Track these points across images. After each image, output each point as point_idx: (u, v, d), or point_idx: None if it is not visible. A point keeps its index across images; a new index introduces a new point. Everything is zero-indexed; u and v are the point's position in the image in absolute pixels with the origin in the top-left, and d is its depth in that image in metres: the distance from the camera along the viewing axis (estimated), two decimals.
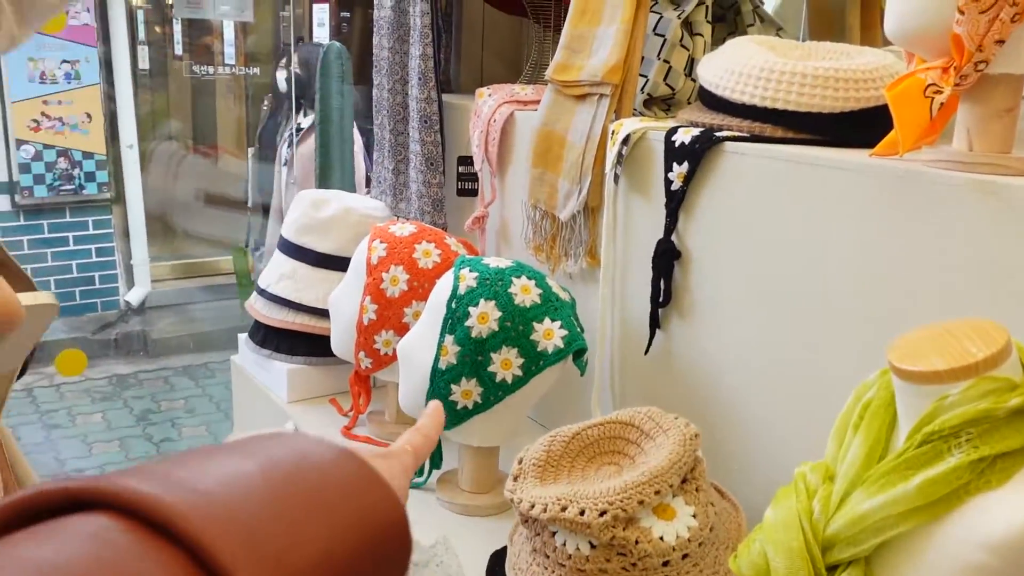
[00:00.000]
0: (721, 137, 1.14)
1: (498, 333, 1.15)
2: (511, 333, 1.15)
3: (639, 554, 0.91)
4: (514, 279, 1.18)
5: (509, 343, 1.15)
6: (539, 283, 1.19)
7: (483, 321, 1.15)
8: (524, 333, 1.15)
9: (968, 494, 0.66)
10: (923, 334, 0.74)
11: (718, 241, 1.17)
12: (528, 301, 1.17)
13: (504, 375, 1.15)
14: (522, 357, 1.15)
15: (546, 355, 1.15)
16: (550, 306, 1.17)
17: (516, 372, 1.15)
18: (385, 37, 1.75)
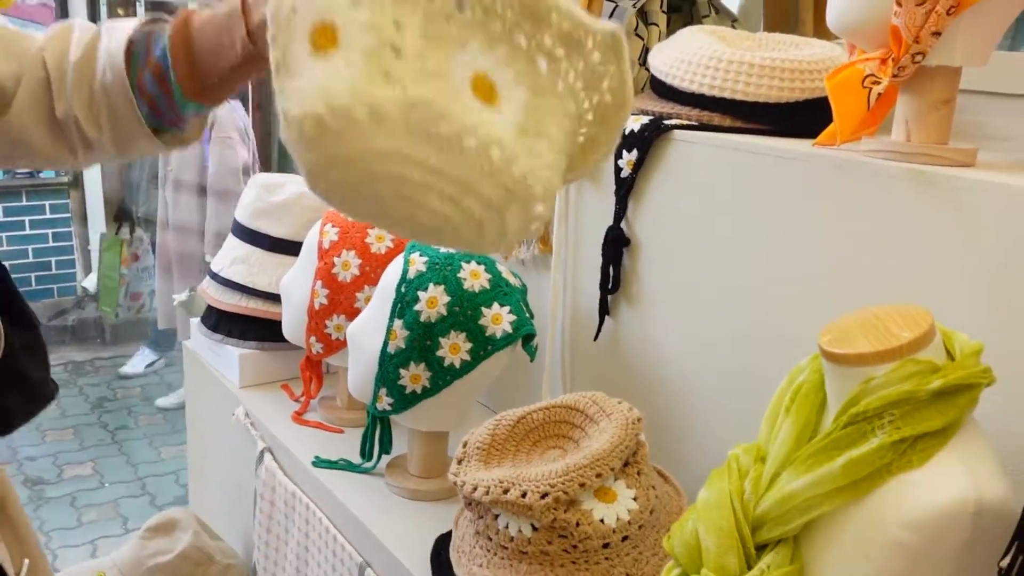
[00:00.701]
0: (670, 125, 1.15)
1: (447, 318, 1.15)
2: (459, 318, 1.15)
3: (580, 536, 0.92)
4: (463, 264, 1.18)
5: (457, 328, 1.15)
6: (488, 268, 1.20)
7: (432, 306, 1.15)
8: (473, 318, 1.16)
9: (890, 474, 0.67)
10: (853, 319, 0.75)
11: (667, 228, 1.18)
12: (477, 286, 1.17)
13: (452, 359, 1.15)
14: (470, 342, 1.15)
15: (495, 340, 1.16)
16: (499, 291, 1.18)
17: (464, 357, 1.16)
18: None
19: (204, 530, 1.56)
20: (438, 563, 1.08)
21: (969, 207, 0.85)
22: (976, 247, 0.85)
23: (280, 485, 1.38)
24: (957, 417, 0.68)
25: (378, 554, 1.15)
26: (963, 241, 0.86)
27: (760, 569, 0.72)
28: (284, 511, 1.37)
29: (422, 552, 1.11)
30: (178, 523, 1.53)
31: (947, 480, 0.66)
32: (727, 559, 0.73)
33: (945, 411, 0.68)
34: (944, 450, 0.67)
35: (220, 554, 1.53)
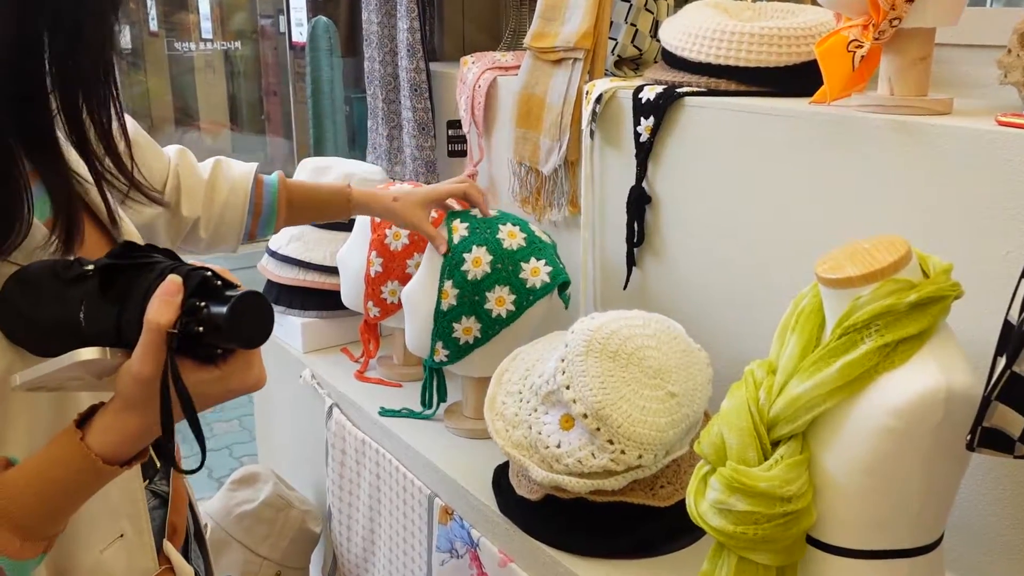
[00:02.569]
0: (681, 93, 1.29)
1: (491, 275, 1.31)
2: (502, 273, 1.31)
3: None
4: (500, 226, 1.33)
5: (501, 282, 1.31)
6: (523, 228, 1.35)
7: (477, 265, 1.31)
8: (514, 272, 1.31)
9: (877, 373, 0.82)
10: (843, 250, 0.90)
11: (683, 185, 1.32)
12: (515, 244, 1.32)
13: (499, 311, 1.31)
14: (514, 294, 1.31)
15: (535, 290, 1.31)
16: (535, 247, 1.33)
17: (509, 307, 1.31)
18: (373, 12, 1.88)
19: (281, 482, 1.74)
20: (499, 488, 1.24)
21: (943, 150, 0.99)
22: (950, 184, 0.99)
23: (350, 435, 1.55)
24: (931, 324, 0.83)
25: (444, 485, 1.32)
26: (939, 179, 1.00)
27: (775, 459, 0.87)
28: (355, 457, 1.54)
29: (484, 480, 1.27)
30: (259, 476, 1.71)
31: (923, 374, 0.80)
32: (747, 453, 0.88)
33: (921, 319, 0.82)
34: (921, 351, 0.82)
35: (298, 501, 1.70)
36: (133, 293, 0.69)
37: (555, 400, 1.10)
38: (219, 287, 0.69)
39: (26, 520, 0.71)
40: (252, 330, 0.68)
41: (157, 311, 0.66)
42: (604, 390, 1.04)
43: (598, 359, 1.06)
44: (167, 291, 0.67)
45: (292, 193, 1.28)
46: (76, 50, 0.73)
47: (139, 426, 0.70)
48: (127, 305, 0.68)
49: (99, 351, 0.68)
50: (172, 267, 0.69)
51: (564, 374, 1.08)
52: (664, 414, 1.06)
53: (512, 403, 1.17)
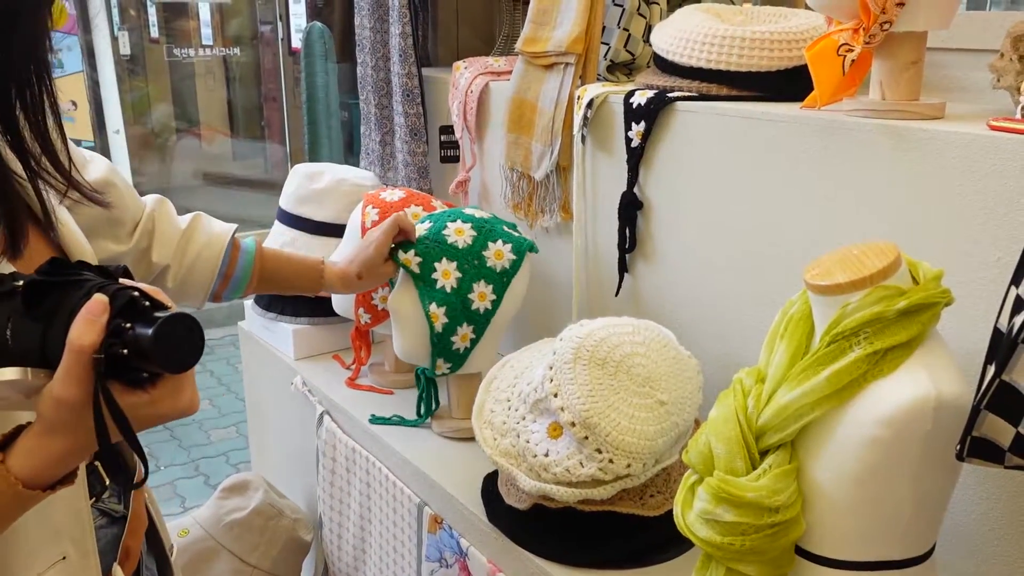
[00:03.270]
0: (673, 97, 1.28)
1: (464, 277, 1.32)
2: (472, 271, 1.33)
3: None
4: (445, 232, 1.34)
5: (476, 279, 1.32)
6: (463, 219, 1.36)
7: (447, 276, 1.31)
8: (481, 264, 1.33)
9: (866, 381, 0.81)
10: (833, 256, 0.88)
11: (675, 190, 1.31)
12: (468, 239, 1.34)
13: (485, 304, 1.33)
14: (490, 283, 1.34)
15: (507, 271, 1.34)
16: (485, 232, 1.35)
17: (492, 297, 1.34)
18: (366, 17, 1.87)
19: (272, 490, 1.72)
20: (488, 497, 1.23)
21: (935, 155, 0.97)
22: (941, 189, 0.97)
23: (340, 443, 1.53)
24: (921, 331, 0.81)
25: (434, 494, 1.31)
26: (930, 184, 0.98)
27: (763, 469, 0.86)
28: (346, 465, 1.53)
29: (473, 489, 1.26)
30: (249, 483, 1.70)
31: (912, 383, 0.79)
32: (735, 463, 0.87)
33: (910, 327, 0.81)
34: (910, 359, 0.81)
35: (288, 509, 1.69)
36: (59, 312, 0.66)
37: (543, 408, 1.09)
38: (147, 308, 0.66)
39: None
40: (180, 354, 0.65)
41: (80, 332, 0.63)
42: (592, 398, 1.03)
43: (586, 367, 1.05)
44: (91, 311, 0.64)
45: (266, 262, 1.25)
46: (8, 49, 0.71)
47: (63, 449, 0.67)
48: (53, 323, 0.65)
49: (20, 371, 0.65)
50: (99, 285, 0.66)
51: (552, 382, 1.06)
52: (653, 422, 1.04)
53: (500, 411, 1.15)
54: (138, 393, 0.65)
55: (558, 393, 1.05)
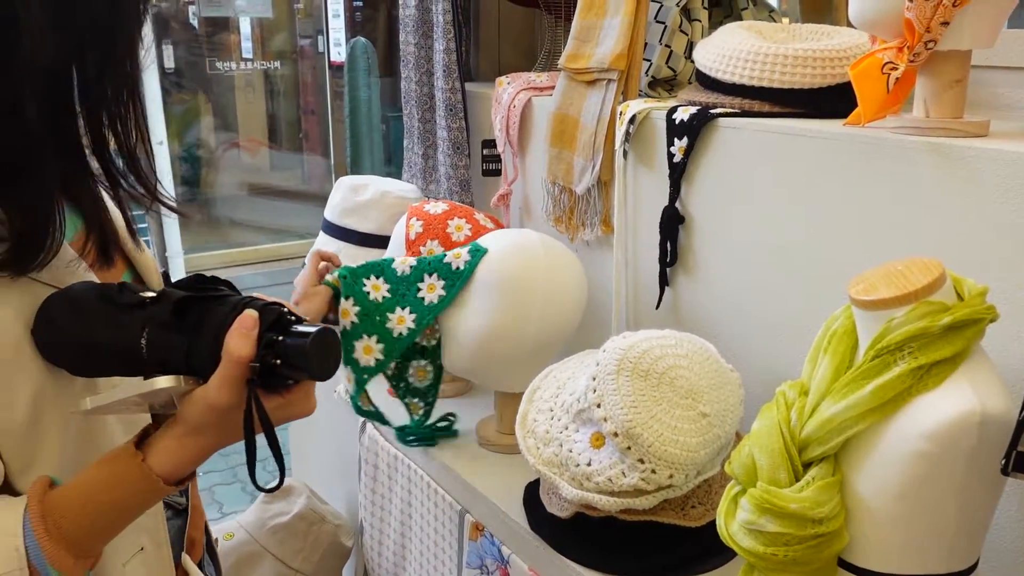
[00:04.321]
0: (715, 114, 1.30)
1: (359, 325, 1.35)
2: (372, 323, 1.35)
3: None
4: (366, 281, 1.36)
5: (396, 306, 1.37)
6: (380, 275, 1.38)
7: (345, 317, 1.36)
8: (382, 323, 1.35)
9: (911, 395, 0.82)
10: (877, 271, 0.90)
11: (716, 205, 1.33)
12: (381, 297, 1.37)
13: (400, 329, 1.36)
14: (414, 312, 1.36)
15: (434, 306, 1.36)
16: (398, 296, 1.37)
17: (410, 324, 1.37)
18: (411, 34, 1.91)
19: (314, 496, 1.76)
20: (530, 505, 1.25)
21: (979, 172, 0.98)
22: (985, 206, 0.98)
23: (382, 450, 1.56)
24: (965, 346, 0.82)
25: (475, 501, 1.33)
26: (974, 201, 0.99)
27: (806, 481, 0.87)
28: (387, 472, 1.56)
29: (515, 497, 1.28)
30: (293, 489, 1.73)
31: (957, 397, 0.80)
32: (778, 474, 0.88)
33: (955, 342, 0.82)
34: (955, 374, 0.82)
35: (330, 515, 1.72)
36: (207, 325, 0.72)
37: (586, 418, 1.10)
38: (292, 322, 0.73)
39: (81, 538, 0.73)
40: (328, 363, 0.72)
41: (238, 345, 0.70)
42: (635, 409, 1.05)
43: (629, 378, 1.07)
44: (245, 325, 0.70)
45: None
46: (104, 73, 0.76)
47: (202, 449, 0.75)
48: (201, 336, 0.72)
49: (175, 379, 0.72)
50: (245, 301, 0.73)
51: (595, 392, 1.08)
52: (695, 434, 1.06)
53: (543, 420, 1.17)
54: (275, 398, 0.72)
55: (601, 404, 1.07)
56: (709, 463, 1.09)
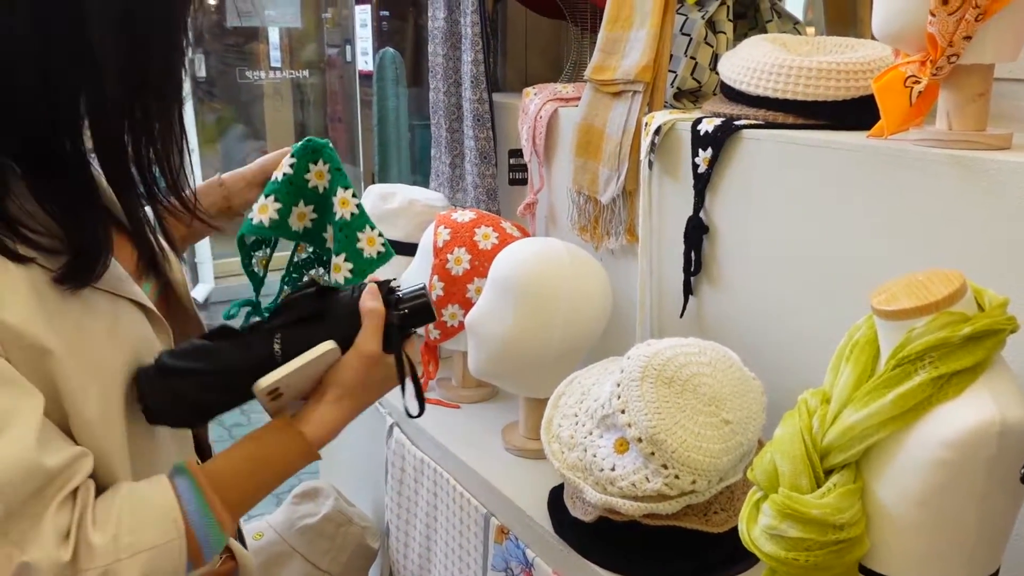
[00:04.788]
0: (739, 125, 1.32)
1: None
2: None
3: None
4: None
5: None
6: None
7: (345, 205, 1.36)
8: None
9: (931, 404, 0.83)
10: (899, 282, 0.91)
11: (740, 216, 1.34)
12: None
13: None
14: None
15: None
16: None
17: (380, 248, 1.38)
18: (439, 45, 1.94)
19: (341, 497, 1.79)
20: (554, 509, 1.27)
21: (1001, 184, 0.99)
22: (1007, 218, 0.99)
23: (409, 454, 1.59)
24: (986, 357, 0.83)
25: (500, 505, 1.35)
26: (996, 213, 1.00)
27: (827, 487, 0.88)
28: (414, 476, 1.58)
29: (540, 501, 1.30)
30: (320, 491, 1.76)
31: (977, 407, 0.81)
32: (800, 480, 0.90)
33: (975, 352, 0.83)
34: (975, 383, 0.83)
35: (357, 517, 1.75)
36: (336, 308, 0.92)
37: (610, 424, 1.12)
38: (396, 289, 0.96)
39: (241, 503, 0.88)
40: (433, 313, 0.97)
41: (373, 304, 0.91)
42: (659, 415, 1.07)
43: (653, 384, 1.09)
44: (372, 292, 0.92)
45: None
46: (154, 107, 0.83)
47: (350, 412, 0.93)
48: (334, 318, 0.92)
49: (331, 343, 0.90)
50: (357, 284, 0.95)
51: (620, 398, 1.10)
52: (718, 440, 1.07)
53: (568, 426, 1.19)
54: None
55: (625, 410, 1.09)
56: (732, 470, 1.11)
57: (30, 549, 0.75)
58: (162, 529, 0.81)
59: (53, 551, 0.76)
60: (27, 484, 0.75)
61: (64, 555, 0.76)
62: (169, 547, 0.81)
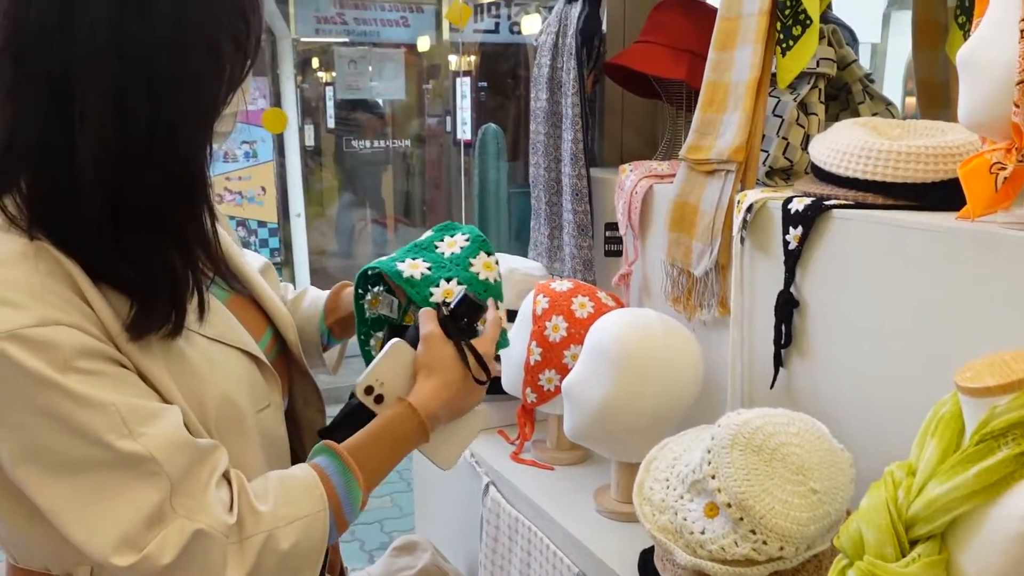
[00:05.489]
0: (830, 205, 1.38)
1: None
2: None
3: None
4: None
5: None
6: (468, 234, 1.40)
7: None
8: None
9: (1014, 480, 0.86)
10: (984, 361, 0.95)
11: (830, 291, 1.39)
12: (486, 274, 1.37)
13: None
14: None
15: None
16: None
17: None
18: (541, 123, 2.07)
19: (437, 552, 1.86)
20: (645, 570, 1.32)
21: None
22: None
23: (504, 512, 1.66)
24: None
25: (592, 565, 1.41)
26: None
27: (912, 557, 0.92)
28: (508, 534, 1.65)
29: (630, 562, 1.35)
30: (418, 545, 1.84)
31: None
32: (885, 549, 0.93)
33: None
34: None
35: (452, 572, 1.82)
36: (405, 334, 1.20)
37: (701, 488, 1.18)
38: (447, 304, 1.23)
39: (373, 468, 1.06)
40: (481, 308, 1.22)
41: (425, 308, 1.21)
42: (748, 482, 1.12)
43: (743, 452, 1.14)
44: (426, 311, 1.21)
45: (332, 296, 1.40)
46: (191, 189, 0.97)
47: (440, 385, 1.14)
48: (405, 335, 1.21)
49: (400, 339, 1.17)
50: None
51: (710, 464, 1.16)
52: (806, 509, 1.11)
53: (659, 489, 1.25)
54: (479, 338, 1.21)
55: (715, 475, 1.14)
56: (819, 538, 1.14)
57: (200, 518, 0.88)
58: (310, 502, 0.97)
59: (222, 516, 0.89)
60: (183, 456, 0.89)
61: (231, 519, 0.90)
62: (317, 517, 0.97)
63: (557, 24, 2.03)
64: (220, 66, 0.94)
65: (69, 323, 0.85)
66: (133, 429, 0.86)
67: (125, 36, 0.87)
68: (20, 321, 0.83)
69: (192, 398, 0.95)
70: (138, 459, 0.86)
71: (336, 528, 1.00)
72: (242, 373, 1.03)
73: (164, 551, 0.86)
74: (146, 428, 0.87)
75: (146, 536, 0.86)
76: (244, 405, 1.02)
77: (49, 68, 0.86)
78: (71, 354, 0.85)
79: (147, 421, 0.88)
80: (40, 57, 0.86)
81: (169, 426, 0.89)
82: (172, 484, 0.87)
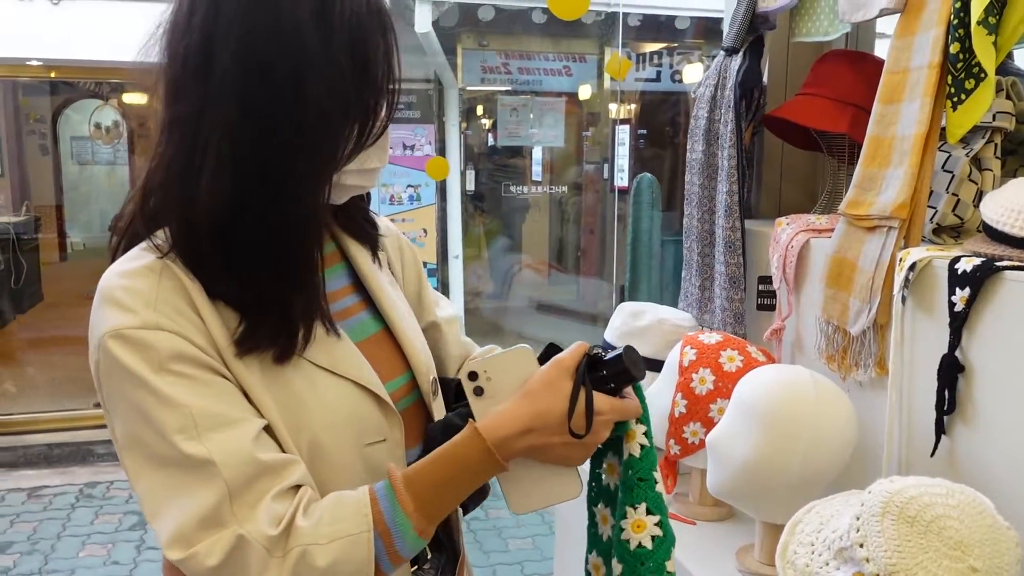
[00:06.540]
0: (1001, 267, 1.30)
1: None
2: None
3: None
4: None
5: None
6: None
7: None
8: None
9: None
10: None
11: (1000, 357, 1.31)
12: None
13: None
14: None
15: None
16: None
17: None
18: (696, 175, 2.07)
19: None
20: None
21: None
22: None
23: None
24: None
25: None
26: None
27: None
28: None
29: None
30: None
31: None
32: None
33: None
34: None
35: None
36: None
37: (847, 556, 1.13)
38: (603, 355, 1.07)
39: (431, 499, 0.98)
40: (635, 367, 1.07)
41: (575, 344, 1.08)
42: (900, 554, 1.06)
43: (895, 522, 1.09)
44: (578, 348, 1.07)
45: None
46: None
47: (526, 413, 1.00)
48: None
49: (526, 345, 1.08)
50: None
51: (859, 532, 1.11)
52: None
53: (804, 554, 1.21)
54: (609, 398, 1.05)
55: (864, 544, 1.10)
56: None
57: (247, 526, 0.92)
58: (354, 522, 0.94)
59: (264, 527, 0.92)
60: (244, 469, 0.93)
61: (273, 531, 0.92)
62: (359, 538, 0.93)
63: (716, 77, 2.04)
64: (336, 131, 1.01)
65: (171, 329, 0.94)
66: (201, 433, 0.92)
67: (246, 85, 0.96)
68: (127, 322, 0.93)
69: (289, 418, 1.00)
70: (199, 461, 0.92)
71: (388, 557, 0.95)
72: (348, 404, 1.05)
73: (212, 553, 0.91)
74: (215, 434, 0.93)
75: (199, 535, 0.91)
76: (346, 435, 1.04)
77: (191, 109, 0.97)
78: (166, 357, 0.93)
79: (219, 427, 0.93)
80: (187, 97, 0.97)
81: (241, 436, 0.94)
82: (230, 490, 0.92)
